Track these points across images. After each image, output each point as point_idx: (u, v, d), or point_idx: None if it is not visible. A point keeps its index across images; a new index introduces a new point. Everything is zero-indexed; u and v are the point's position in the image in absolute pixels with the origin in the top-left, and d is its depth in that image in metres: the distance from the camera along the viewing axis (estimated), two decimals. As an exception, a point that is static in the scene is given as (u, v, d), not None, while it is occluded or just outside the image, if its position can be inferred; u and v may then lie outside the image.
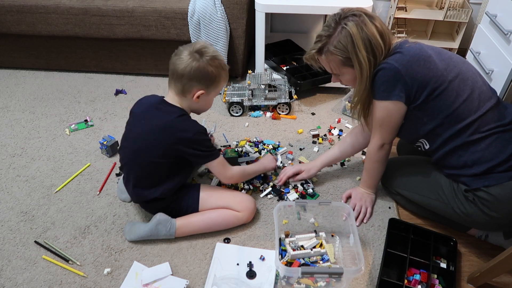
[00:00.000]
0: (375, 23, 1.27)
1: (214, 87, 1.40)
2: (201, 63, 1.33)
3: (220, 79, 1.40)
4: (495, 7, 1.74)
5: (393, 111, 1.31)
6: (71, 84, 2.30)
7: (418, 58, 1.25)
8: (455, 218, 1.39)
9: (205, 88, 1.37)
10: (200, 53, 1.34)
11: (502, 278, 1.34)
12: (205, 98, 1.41)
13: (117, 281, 1.34)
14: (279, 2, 1.95)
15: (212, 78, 1.37)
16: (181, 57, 1.34)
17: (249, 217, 1.50)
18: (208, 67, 1.34)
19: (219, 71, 1.38)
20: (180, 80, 1.35)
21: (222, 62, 1.39)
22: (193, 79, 1.35)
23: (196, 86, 1.36)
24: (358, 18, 1.26)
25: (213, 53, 1.36)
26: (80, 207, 1.59)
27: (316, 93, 2.24)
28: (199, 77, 1.35)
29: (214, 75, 1.37)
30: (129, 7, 2.05)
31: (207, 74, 1.35)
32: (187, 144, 1.35)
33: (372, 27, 1.26)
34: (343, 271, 1.23)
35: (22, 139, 1.91)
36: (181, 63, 1.33)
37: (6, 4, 2.08)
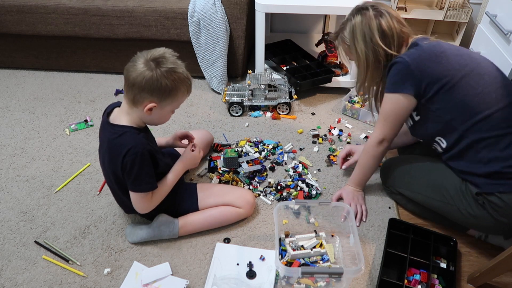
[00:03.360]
0: (381, 21, 1.33)
1: (170, 101, 1.26)
2: (155, 74, 1.19)
3: (177, 93, 1.25)
4: (495, 7, 1.74)
5: (401, 104, 1.33)
6: (71, 84, 2.30)
7: (430, 53, 1.29)
8: (459, 219, 1.38)
9: (157, 101, 1.23)
10: (156, 63, 1.21)
11: (502, 278, 1.34)
12: (159, 112, 1.27)
13: (117, 281, 1.34)
14: (279, 2, 1.95)
15: (166, 91, 1.23)
16: (135, 64, 1.21)
17: (249, 211, 1.51)
18: (163, 79, 1.20)
19: (176, 85, 1.24)
20: (131, 89, 1.22)
21: (182, 75, 1.25)
22: (144, 90, 1.21)
23: (148, 98, 1.22)
24: (366, 12, 1.34)
25: (172, 64, 1.23)
26: (80, 207, 1.59)
27: (316, 93, 2.24)
28: (151, 89, 1.21)
29: (169, 88, 1.22)
30: (129, 7, 2.04)
31: (160, 86, 1.21)
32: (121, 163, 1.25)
33: (374, 24, 1.33)
34: (343, 271, 1.23)
35: (22, 139, 1.91)
36: (134, 71, 1.21)
37: (6, 4, 2.07)
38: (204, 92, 2.25)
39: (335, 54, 2.30)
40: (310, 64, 2.24)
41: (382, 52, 1.34)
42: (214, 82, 2.20)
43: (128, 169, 1.25)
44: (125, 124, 1.28)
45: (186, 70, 1.28)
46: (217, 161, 1.77)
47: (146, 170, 1.28)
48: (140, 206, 1.34)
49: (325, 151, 1.87)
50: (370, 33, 1.34)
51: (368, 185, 1.69)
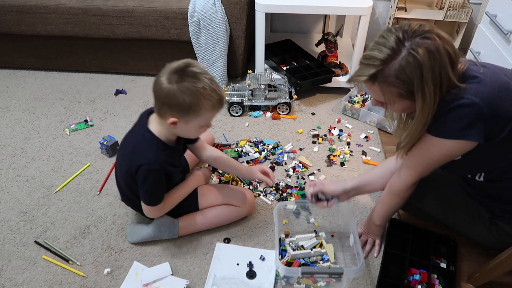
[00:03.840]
0: (448, 49, 1.00)
1: (193, 117, 1.19)
2: (172, 89, 1.14)
3: (199, 110, 1.17)
4: (495, 7, 1.74)
5: (458, 151, 1.11)
6: (71, 84, 2.30)
7: (499, 88, 1.04)
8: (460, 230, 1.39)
9: (178, 116, 1.18)
10: (178, 75, 1.15)
11: (502, 278, 1.34)
12: (184, 127, 1.22)
13: (117, 281, 1.34)
14: (279, 2, 1.95)
15: (185, 107, 1.16)
16: (159, 76, 1.18)
17: (249, 209, 1.51)
18: (180, 95, 1.14)
19: (198, 101, 1.16)
20: (155, 100, 1.21)
21: (205, 90, 1.16)
22: (164, 104, 1.18)
23: (169, 113, 1.19)
24: (431, 42, 0.99)
25: (193, 78, 1.15)
26: (80, 207, 1.59)
27: (316, 93, 2.24)
28: (170, 104, 1.16)
29: (187, 104, 1.15)
30: (129, 7, 2.04)
31: (178, 102, 1.15)
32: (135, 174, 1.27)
33: (445, 57, 1.00)
34: (343, 271, 1.23)
35: (22, 139, 1.91)
36: (156, 83, 1.18)
37: (6, 4, 2.07)
38: (204, 92, 2.24)
39: (335, 54, 2.30)
40: (310, 64, 2.24)
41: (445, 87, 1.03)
42: (214, 82, 2.20)
43: (141, 182, 1.28)
44: (155, 134, 1.27)
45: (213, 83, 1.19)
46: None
47: (159, 186, 1.31)
48: (150, 214, 1.39)
49: (325, 151, 1.87)
50: (442, 70, 1.00)
51: (368, 185, 1.69)
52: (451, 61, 1.01)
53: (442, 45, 0.99)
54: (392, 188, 1.29)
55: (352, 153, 1.86)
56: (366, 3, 1.96)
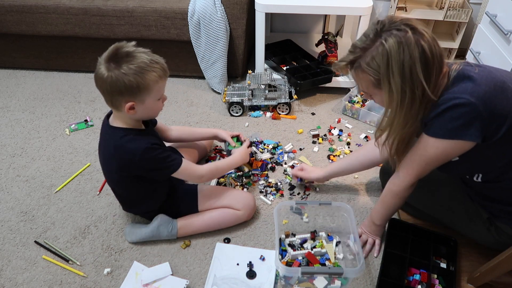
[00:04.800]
0: (423, 45, 1.01)
1: (146, 93, 1.19)
2: (114, 75, 1.14)
3: (147, 84, 1.17)
4: (495, 7, 1.75)
5: (456, 151, 1.11)
6: (71, 84, 2.30)
7: (495, 87, 1.04)
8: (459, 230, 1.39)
9: (132, 99, 1.18)
10: (115, 61, 1.14)
11: (502, 278, 1.34)
12: (142, 107, 1.22)
13: (117, 281, 1.34)
14: (279, 2, 1.95)
15: (134, 87, 1.15)
16: (97, 70, 1.16)
17: (249, 214, 1.51)
18: (125, 77, 1.13)
19: (141, 76, 1.15)
20: (104, 96, 1.21)
21: (141, 64, 1.15)
22: (113, 93, 1.17)
23: (122, 99, 1.18)
24: (402, 34, 1.01)
25: (127, 57, 1.15)
26: (80, 207, 1.59)
27: (316, 93, 2.24)
28: (119, 90, 1.16)
29: (135, 84, 1.15)
30: (129, 7, 2.04)
31: (125, 85, 1.14)
32: (139, 166, 1.26)
33: (416, 51, 1.00)
34: (343, 271, 1.23)
35: (22, 139, 1.91)
36: (97, 78, 1.17)
37: (6, 4, 2.07)
38: (204, 92, 2.25)
39: (335, 54, 2.30)
40: (310, 64, 2.24)
41: (420, 90, 1.04)
42: (214, 82, 2.20)
43: (151, 160, 1.26)
44: (123, 127, 1.28)
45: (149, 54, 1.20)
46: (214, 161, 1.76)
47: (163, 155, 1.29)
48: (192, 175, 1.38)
49: (325, 151, 1.87)
50: (411, 65, 1.01)
51: (368, 184, 1.69)
52: (424, 58, 1.01)
53: (415, 39, 1.00)
54: (392, 188, 1.29)
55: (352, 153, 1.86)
56: (366, 3, 1.96)
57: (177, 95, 2.20)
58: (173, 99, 2.17)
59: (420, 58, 1.01)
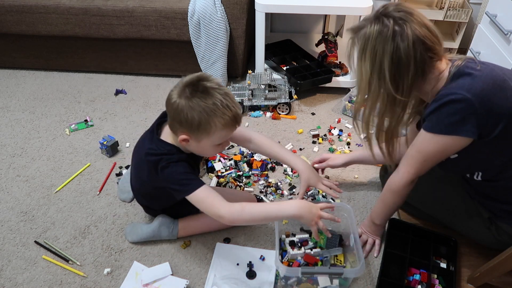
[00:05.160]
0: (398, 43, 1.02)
1: (205, 135, 1.13)
2: (181, 104, 1.09)
3: (209, 128, 1.11)
4: (495, 7, 1.74)
5: (453, 147, 1.11)
6: (71, 84, 2.30)
7: (493, 84, 1.04)
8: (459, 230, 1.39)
9: (189, 133, 1.13)
10: (190, 90, 1.10)
11: (502, 278, 1.34)
12: (195, 144, 1.16)
13: (117, 281, 1.34)
14: (279, 2, 1.95)
15: (195, 125, 1.10)
16: (173, 89, 1.14)
17: None
18: (190, 111, 1.08)
19: (208, 118, 1.09)
20: (168, 114, 1.16)
21: (216, 107, 1.09)
22: (174, 120, 1.13)
23: (179, 129, 1.14)
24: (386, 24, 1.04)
25: (203, 94, 1.09)
26: (80, 207, 1.59)
27: (316, 93, 2.24)
28: (179, 120, 1.11)
29: (197, 122, 1.09)
30: (129, 7, 2.04)
31: (187, 119, 1.09)
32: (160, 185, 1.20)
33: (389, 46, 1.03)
34: (343, 271, 1.23)
35: (22, 139, 1.91)
36: (168, 96, 1.13)
37: (6, 4, 2.07)
38: (204, 92, 2.24)
39: (335, 54, 2.30)
40: (310, 64, 2.24)
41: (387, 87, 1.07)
42: (214, 82, 2.19)
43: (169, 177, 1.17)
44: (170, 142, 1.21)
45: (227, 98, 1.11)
46: (214, 162, 1.76)
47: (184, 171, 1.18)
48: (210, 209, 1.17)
49: (325, 151, 1.87)
50: (381, 56, 1.04)
51: (368, 184, 1.69)
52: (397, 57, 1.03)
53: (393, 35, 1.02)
54: (391, 186, 1.28)
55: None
56: (366, 3, 1.96)
57: (177, 95, 2.20)
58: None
59: (391, 55, 1.03)
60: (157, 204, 1.43)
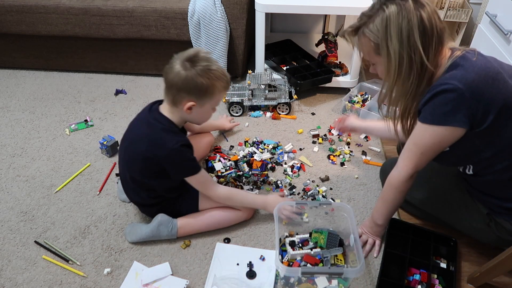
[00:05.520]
0: (422, 14, 1.05)
1: (208, 98, 1.30)
2: (190, 73, 1.24)
3: (214, 91, 1.29)
4: (495, 7, 1.74)
5: (447, 138, 1.12)
6: (71, 84, 2.30)
7: (486, 75, 1.06)
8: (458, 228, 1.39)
9: (195, 99, 1.28)
10: (191, 62, 1.25)
11: (502, 278, 1.34)
12: (199, 110, 1.32)
13: (117, 281, 1.34)
14: (279, 2, 1.95)
15: (203, 90, 1.27)
16: (172, 66, 1.26)
17: (249, 214, 1.51)
18: (198, 78, 1.24)
19: (213, 82, 1.27)
20: (170, 90, 1.29)
21: (217, 72, 1.28)
22: (182, 90, 1.27)
23: (186, 98, 1.28)
24: (403, 2, 1.06)
25: (206, 62, 1.26)
26: (80, 207, 1.59)
27: (316, 93, 2.24)
28: (188, 88, 1.26)
29: (205, 87, 1.26)
30: (129, 7, 2.04)
31: (196, 85, 1.25)
32: (162, 160, 1.31)
33: (415, 18, 1.05)
34: (343, 271, 1.23)
35: (22, 139, 1.91)
36: (171, 73, 1.26)
37: (6, 4, 2.08)
38: (204, 92, 2.25)
39: (335, 54, 2.30)
40: (310, 64, 2.24)
41: (418, 58, 1.08)
42: (214, 82, 2.20)
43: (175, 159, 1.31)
44: (168, 117, 1.34)
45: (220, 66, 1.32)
46: (214, 161, 1.76)
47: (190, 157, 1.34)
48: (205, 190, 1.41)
49: (325, 151, 1.87)
50: (409, 30, 1.05)
51: (368, 184, 1.69)
52: (423, 26, 1.05)
53: (415, 7, 1.05)
54: (391, 181, 1.29)
55: (352, 153, 1.86)
56: (366, 3, 1.95)
57: (177, 95, 2.20)
58: (173, 99, 2.17)
59: (418, 25, 1.05)
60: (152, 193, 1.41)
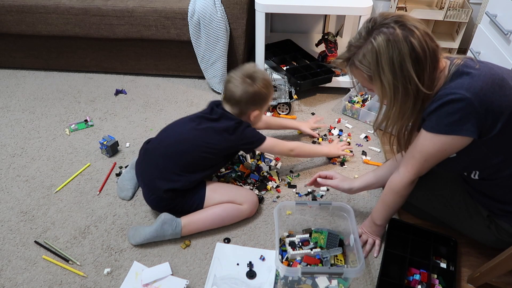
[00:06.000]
0: (412, 41, 1.02)
1: (265, 104, 1.55)
2: (255, 88, 1.46)
3: (269, 97, 1.53)
4: (495, 7, 1.75)
5: (453, 146, 1.11)
6: (71, 84, 2.30)
7: (492, 83, 1.04)
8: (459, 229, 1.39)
9: (259, 108, 1.53)
10: (252, 78, 1.46)
11: (502, 278, 1.34)
12: (259, 115, 1.56)
13: (117, 281, 1.34)
14: (279, 2, 1.95)
15: (264, 99, 1.51)
16: (236, 84, 1.46)
17: (252, 210, 1.51)
18: (262, 90, 1.47)
19: (269, 91, 1.51)
20: (238, 104, 1.49)
21: (269, 81, 1.51)
22: (249, 103, 1.48)
23: (252, 108, 1.50)
24: (391, 31, 1.03)
25: (262, 75, 1.49)
26: (80, 207, 1.59)
27: (316, 93, 2.24)
28: (255, 101, 1.49)
29: (266, 96, 1.50)
30: (129, 7, 2.04)
31: (261, 96, 1.49)
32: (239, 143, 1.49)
33: (405, 47, 1.02)
34: (343, 271, 1.23)
35: (22, 139, 1.91)
36: (237, 90, 1.46)
37: (6, 4, 2.07)
38: (204, 92, 2.25)
39: (335, 54, 2.29)
40: (310, 64, 2.24)
41: (413, 85, 1.06)
42: (214, 82, 2.20)
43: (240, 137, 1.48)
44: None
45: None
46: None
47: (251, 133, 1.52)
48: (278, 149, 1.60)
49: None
50: (401, 60, 1.04)
51: (368, 185, 1.69)
52: (415, 54, 1.03)
53: (404, 36, 1.03)
54: (392, 186, 1.29)
55: (352, 153, 1.86)
56: (366, 3, 1.96)
57: (177, 95, 2.20)
58: (173, 99, 2.17)
59: (410, 54, 1.03)
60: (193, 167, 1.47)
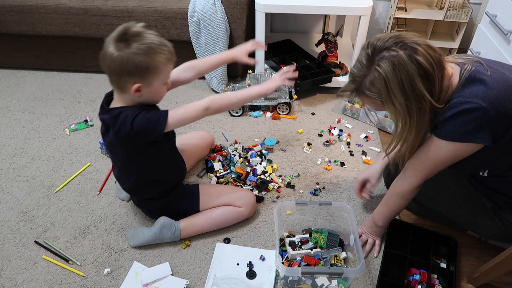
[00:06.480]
0: (417, 58, 1.01)
1: (154, 76, 1.18)
2: (124, 54, 1.13)
3: (156, 66, 1.17)
4: (495, 7, 1.74)
5: (465, 152, 1.11)
6: (71, 84, 2.30)
7: (506, 90, 1.04)
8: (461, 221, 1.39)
9: (140, 80, 1.17)
10: (124, 41, 1.14)
11: (502, 278, 1.34)
12: (148, 90, 1.20)
13: (117, 281, 1.34)
14: (279, 2, 1.95)
15: (143, 68, 1.15)
16: (105, 51, 1.15)
17: (250, 211, 1.51)
18: (135, 57, 1.13)
19: (153, 57, 1.15)
20: (111, 77, 1.20)
21: (154, 45, 1.16)
22: (122, 74, 1.16)
23: (130, 80, 1.17)
24: (394, 54, 1.02)
25: (138, 37, 1.15)
26: (80, 207, 1.59)
27: (316, 93, 2.24)
28: (128, 71, 1.15)
29: (145, 64, 1.14)
30: (129, 7, 2.04)
31: (135, 65, 1.14)
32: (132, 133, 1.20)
33: (412, 67, 1.01)
34: (343, 271, 1.23)
35: (22, 139, 1.91)
36: (106, 58, 1.15)
37: (6, 4, 2.07)
38: (204, 92, 2.25)
39: (335, 54, 2.30)
40: (310, 64, 2.24)
41: (427, 102, 1.04)
42: (214, 82, 2.20)
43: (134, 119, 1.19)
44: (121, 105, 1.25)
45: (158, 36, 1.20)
46: (213, 161, 1.76)
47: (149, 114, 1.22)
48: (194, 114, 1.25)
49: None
50: (411, 81, 1.02)
51: (368, 185, 1.69)
52: (423, 70, 1.02)
53: (408, 56, 1.01)
54: (398, 190, 1.29)
55: (352, 153, 1.86)
56: (366, 3, 1.96)
57: (177, 95, 2.20)
58: (173, 99, 2.17)
59: (418, 72, 1.02)
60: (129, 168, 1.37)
